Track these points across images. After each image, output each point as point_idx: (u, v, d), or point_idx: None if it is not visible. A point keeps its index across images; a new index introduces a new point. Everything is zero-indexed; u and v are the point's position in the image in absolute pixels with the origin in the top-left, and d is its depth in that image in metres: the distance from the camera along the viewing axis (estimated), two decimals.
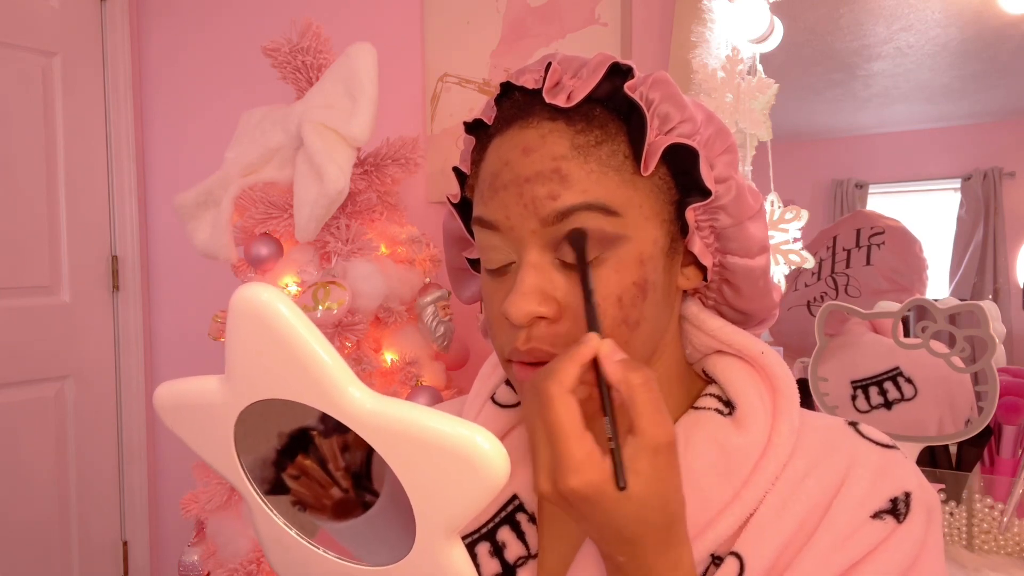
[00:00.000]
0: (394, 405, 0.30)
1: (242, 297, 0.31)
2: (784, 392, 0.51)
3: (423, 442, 0.29)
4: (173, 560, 2.02)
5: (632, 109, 0.47)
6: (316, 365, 0.30)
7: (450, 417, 0.29)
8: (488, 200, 0.49)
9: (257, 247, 1.30)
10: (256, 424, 0.34)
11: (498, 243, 0.49)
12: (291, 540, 0.37)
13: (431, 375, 1.33)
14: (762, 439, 0.49)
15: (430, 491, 0.30)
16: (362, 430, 0.30)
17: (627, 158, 0.47)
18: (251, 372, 0.32)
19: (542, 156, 0.46)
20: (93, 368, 1.99)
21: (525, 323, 0.46)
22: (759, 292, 0.53)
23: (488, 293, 0.51)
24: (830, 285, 1.23)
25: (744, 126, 1.10)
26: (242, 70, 1.86)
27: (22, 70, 1.81)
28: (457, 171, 0.55)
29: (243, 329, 0.31)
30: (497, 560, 0.52)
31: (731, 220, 0.49)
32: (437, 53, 1.59)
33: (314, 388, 0.31)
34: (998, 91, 1.17)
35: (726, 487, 0.48)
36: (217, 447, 0.36)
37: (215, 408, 0.35)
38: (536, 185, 0.46)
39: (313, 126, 1.19)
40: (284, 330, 0.30)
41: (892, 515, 0.46)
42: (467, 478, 0.29)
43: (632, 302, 0.47)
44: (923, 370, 0.95)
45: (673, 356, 0.54)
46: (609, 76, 0.47)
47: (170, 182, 2.05)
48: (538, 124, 0.48)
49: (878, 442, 0.50)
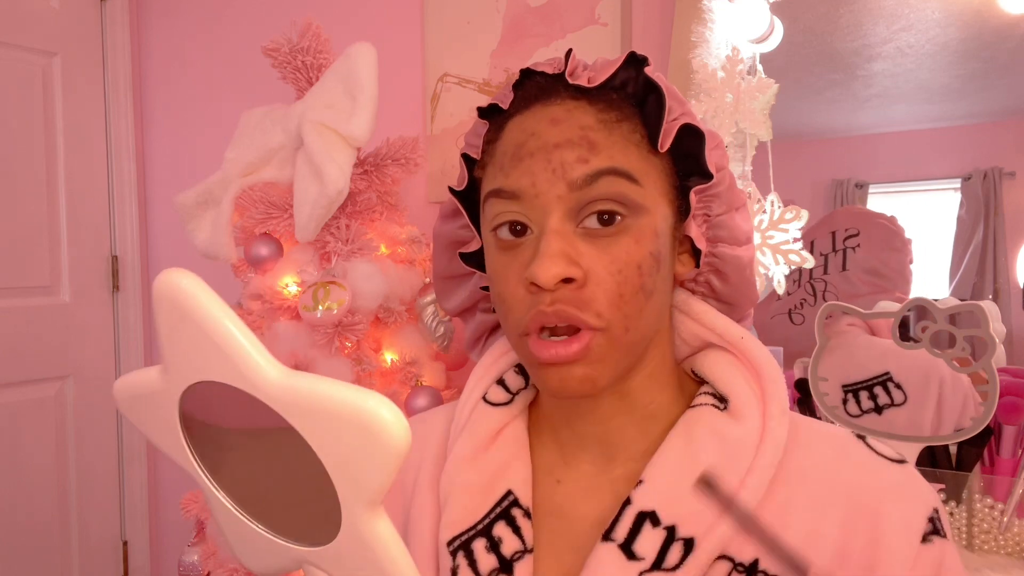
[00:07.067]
0: (303, 379, 0.31)
1: (158, 283, 0.32)
2: (768, 375, 0.52)
3: (329, 413, 0.30)
4: (173, 560, 2.02)
5: (648, 93, 0.50)
6: (228, 343, 0.31)
7: (356, 388, 0.30)
8: (511, 170, 0.50)
9: (257, 247, 1.30)
10: (200, 408, 0.35)
11: (517, 211, 0.49)
12: (246, 527, 0.37)
13: (431, 375, 1.33)
14: (758, 425, 0.50)
15: (343, 464, 0.31)
16: (277, 405, 0.31)
17: (644, 138, 0.50)
18: (178, 356, 0.33)
19: (570, 125, 0.49)
20: (93, 368, 1.99)
21: (552, 285, 0.46)
22: (745, 281, 0.55)
23: (500, 270, 0.51)
24: (808, 292, 1.23)
25: (744, 126, 1.10)
26: (242, 70, 1.86)
27: (22, 70, 1.81)
28: (465, 156, 0.55)
29: (163, 314, 0.32)
30: (494, 555, 0.53)
31: (723, 208, 0.52)
32: (437, 53, 1.59)
33: (230, 367, 0.31)
34: (998, 91, 1.17)
35: (732, 478, 0.48)
36: (168, 435, 0.37)
37: (158, 396, 0.35)
38: (565, 151, 0.48)
39: (313, 126, 1.19)
40: (196, 311, 0.31)
41: (936, 534, 0.47)
42: (371, 447, 0.30)
43: (649, 271, 0.49)
44: (912, 374, 0.95)
45: (666, 347, 0.56)
46: (625, 65, 0.50)
47: (170, 182, 2.05)
48: (562, 102, 0.50)
49: (891, 458, 0.51)
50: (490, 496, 0.55)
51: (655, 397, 0.55)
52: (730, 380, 0.53)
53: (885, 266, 1.18)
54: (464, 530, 0.54)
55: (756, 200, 1.08)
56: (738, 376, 0.53)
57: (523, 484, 0.55)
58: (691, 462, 0.50)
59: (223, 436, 0.37)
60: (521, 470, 0.56)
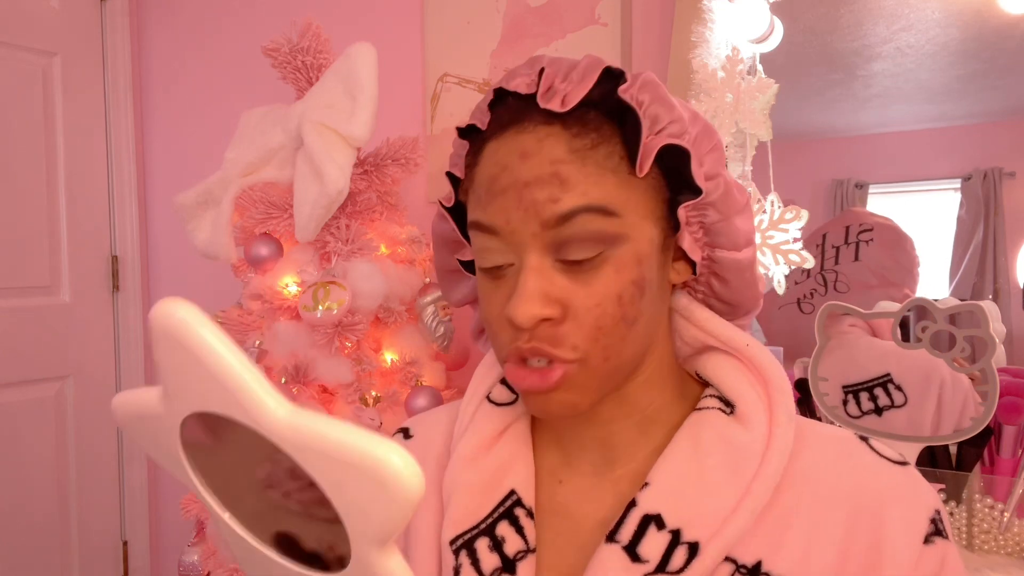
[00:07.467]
0: (310, 420, 0.29)
1: (154, 315, 0.30)
2: (775, 383, 0.52)
3: (339, 459, 0.29)
4: (173, 560, 2.02)
5: (625, 112, 0.47)
6: (231, 380, 0.30)
7: (366, 434, 0.29)
8: (487, 205, 0.49)
9: (257, 247, 1.30)
10: (203, 433, 0.34)
11: (497, 246, 0.49)
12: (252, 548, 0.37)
13: (431, 375, 1.33)
14: (764, 431, 0.50)
15: (353, 506, 0.30)
16: (283, 445, 0.30)
17: (622, 159, 0.47)
18: (178, 386, 0.32)
19: (540, 160, 0.47)
20: (93, 368, 1.99)
21: (530, 326, 0.47)
22: (746, 283, 0.54)
23: (486, 294, 0.51)
24: (819, 282, 1.23)
25: (744, 126, 1.10)
26: (242, 70, 1.86)
27: (22, 70, 1.81)
28: (451, 175, 0.55)
29: (161, 345, 0.31)
30: (497, 555, 0.53)
31: (719, 216, 0.50)
32: (437, 53, 1.59)
33: (234, 403, 0.30)
34: (998, 91, 1.16)
35: (738, 484, 0.48)
36: (170, 457, 0.36)
37: (159, 419, 0.34)
38: (535, 189, 0.46)
39: (313, 126, 1.19)
40: (196, 346, 0.30)
41: (938, 535, 0.47)
42: (382, 496, 0.28)
43: (631, 300, 0.48)
44: (912, 375, 0.95)
45: (665, 350, 0.55)
46: (601, 80, 0.48)
47: (170, 182, 2.05)
48: (534, 129, 0.48)
49: (893, 460, 0.51)
50: (493, 495, 0.55)
51: (654, 399, 0.55)
52: (736, 385, 0.52)
53: (896, 262, 1.18)
54: (467, 529, 0.54)
55: (756, 200, 1.08)
56: (744, 382, 0.52)
57: (526, 484, 0.55)
58: (697, 466, 0.49)
59: (228, 459, 0.36)
60: (524, 470, 0.56)
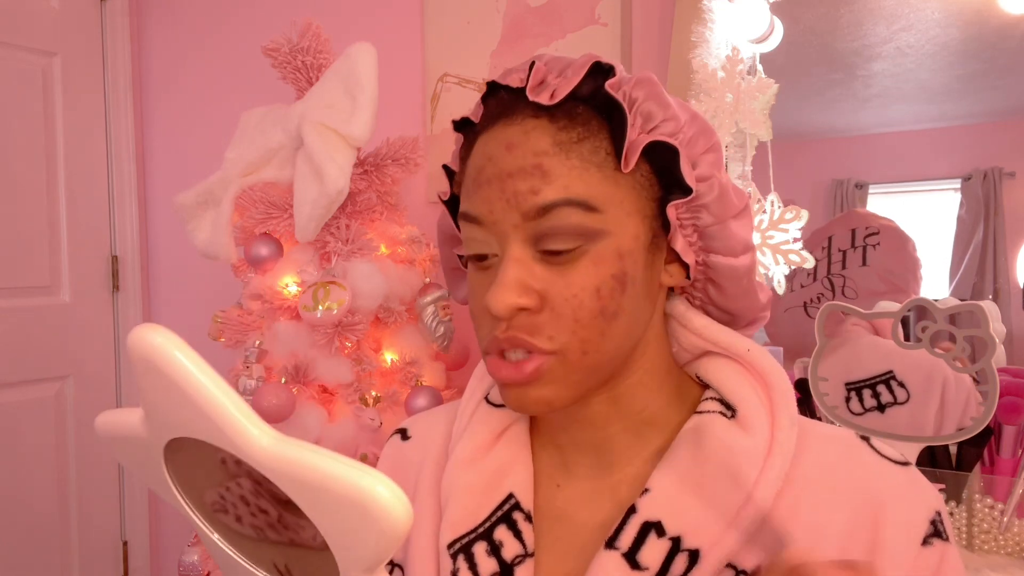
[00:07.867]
0: (293, 449, 0.29)
1: (132, 341, 0.30)
2: (777, 387, 0.51)
3: (325, 489, 0.28)
4: (173, 560, 2.02)
5: (614, 107, 0.47)
6: (212, 409, 0.29)
7: (352, 464, 0.28)
8: (472, 195, 0.49)
9: (257, 247, 1.30)
10: (189, 456, 0.34)
11: (482, 236, 0.49)
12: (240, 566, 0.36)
13: (431, 375, 1.33)
14: (766, 436, 0.49)
15: (340, 535, 0.30)
16: (268, 474, 0.30)
17: (609, 155, 0.47)
18: (160, 411, 0.32)
19: (524, 152, 0.47)
20: (93, 368, 1.99)
21: (506, 315, 0.47)
22: (743, 291, 0.53)
23: (473, 286, 0.52)
24: (826, 287, 1.23)
25: (744, 126, 1.10)
26: (242, 70, 1.86)
27: (22, 70, 1.81)
28: (447, 168, 0.56)
29: (140, 371, 0.30)
30: (494, 559, 0.52)
31: (713, 219, 0.50)
32: (437, 53, 1.59)
33: (216, 431, 0.30)
34: (998, 91, 1.17)
35: (739, 490, 0.48)
36: (155, 478, 0.36)
37: (142, 441, 0.34)
38: (518, 180, 0.47)
39: (313, 126, 1.19)
40: (175, 372, 0.29)
41: (937, 537, 0.47)
42: (369, 527, 0.28)
43: (610, 294, 0.48)
44: (916, 373, 0.95)
45: (658, 352, 0.54)
46: (592, 75, 0.48)
47: (170, 182, 2.05)
48: (521, 121, 0.48)
49: (895, 460, 0.50)
50: (491, 498, 0.54)
51: (649, 402, 0.54)
52: (738, 389, 0.52)
53: (901, 266, 1.18)
54: (465, 532, 0.53)
55: (756, 200, 1.08)
56: (745, 386, 0.52)
57: (524, 487, 0.55)
58: (698, 472, 0.49)
59: (214, 481, 0.35)
60: (522, 473, 0.56)
